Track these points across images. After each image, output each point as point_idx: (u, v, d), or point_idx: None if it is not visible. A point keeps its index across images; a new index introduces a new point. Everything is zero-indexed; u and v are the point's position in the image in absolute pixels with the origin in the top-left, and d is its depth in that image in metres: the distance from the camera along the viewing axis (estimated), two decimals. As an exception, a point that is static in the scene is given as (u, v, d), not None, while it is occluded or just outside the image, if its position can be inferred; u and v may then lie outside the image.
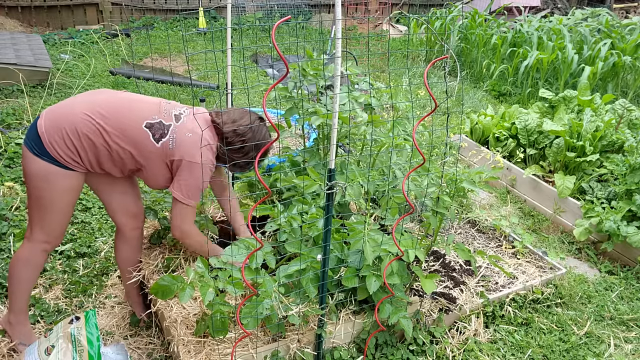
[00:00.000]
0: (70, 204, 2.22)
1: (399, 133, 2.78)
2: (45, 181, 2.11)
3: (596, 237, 3.61)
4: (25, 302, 2.37)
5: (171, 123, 2.18)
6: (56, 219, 2.21)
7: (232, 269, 2.14)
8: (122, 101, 2.19)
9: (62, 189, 2.14)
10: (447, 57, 2.06)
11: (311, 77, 2.67)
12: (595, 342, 2.81)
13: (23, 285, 2.32)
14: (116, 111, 2.13)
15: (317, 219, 2.42)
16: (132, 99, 2.23)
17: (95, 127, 2.08)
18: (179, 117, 2.22)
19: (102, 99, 2.18)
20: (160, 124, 2.16)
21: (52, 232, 2.24)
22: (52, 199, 2.15)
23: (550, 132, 4.05)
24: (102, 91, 2.30)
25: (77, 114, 2.08)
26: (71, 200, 2.20)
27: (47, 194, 2.14)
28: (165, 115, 2.19)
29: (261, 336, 2.28)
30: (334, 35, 4.83)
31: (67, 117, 2.08)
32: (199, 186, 2.20)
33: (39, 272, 2.35)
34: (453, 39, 7.54)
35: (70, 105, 2.13)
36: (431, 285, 2.35)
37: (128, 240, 2.49)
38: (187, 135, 2.17)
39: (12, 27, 7.70)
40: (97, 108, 2.11)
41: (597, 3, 11.01)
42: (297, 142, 4.46)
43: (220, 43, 7.38)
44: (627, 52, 6.43)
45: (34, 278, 2.34)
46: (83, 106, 2.11)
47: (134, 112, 2.15)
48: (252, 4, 9.25)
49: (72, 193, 2.19)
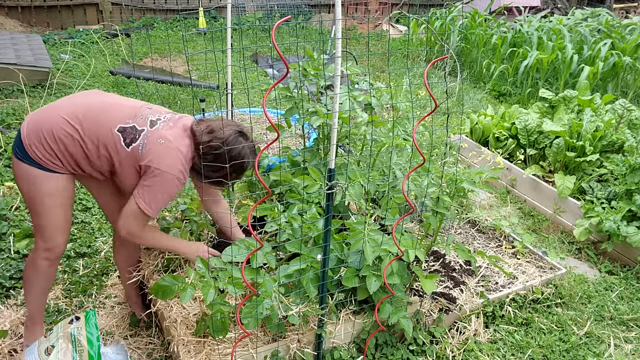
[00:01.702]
0: (62, 206, 2.17)
1: (399, 133, 2.79)
2: (32, 184, 2.10)
3: (596, 237, 3.61)
4: (37, 308, 2.38)
5: (144, 128, 2.11)
6: (50, 223, 2.18)
7: (232, 269, 2.14)
8: (101, 104, 2.16)
9: (49, 191, 2.12)
10: (447, 57, 2.06)
11: (311, 77, 2.67)
12: (595, 342, 2.81)
13: (33, 290, 2.33)
14: (92, 115, 2.10)
15: (317, 219, 2.42)
16: (112, 102, 2.19)
17: (71, 131, 2.06)
18: (154, 123, 2.14)
19: (83, 102, 2.16)
20: (132, 129, 2.10)
21: (49, 237, 2.21)
22: (43, 203, 2.13)
23: (550, 132, 4.05)
24: (89, 93, 2.28)
25: (56, 117, 2.07)
26: (61, 202, 2.16)
27: (36, 198, 2.12)
28: (140, 120, 2.13)
29: (261, 336, 2.28)
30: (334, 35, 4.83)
31: (46, 120, 2.07)
32: (162, 196, 2.10)
33: (48, 280, 2.33)
34: (453, 39, 7.54)
35: (52, 109, 2.12)
36: (431, 285, 2.35)
37: (124, 241, 2.47)
38: (158, 142, 2.09)
39: (12, 27, 7.70)
40: (76, 111, 2.09)
41: (597, 3, 11.01)
42: (297, 142, 4.47)
43: (220, 43, 7.38)
44: (627, 52, 6.43)
45: (43, 285, 2.33)
46: (63, 110, 2.10)
47: (109, 116, 2.11)
48: (252, 4, 9.25)
49: (61, 195, 2.15)
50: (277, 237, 2.48)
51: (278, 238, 2.46)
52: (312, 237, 2.44)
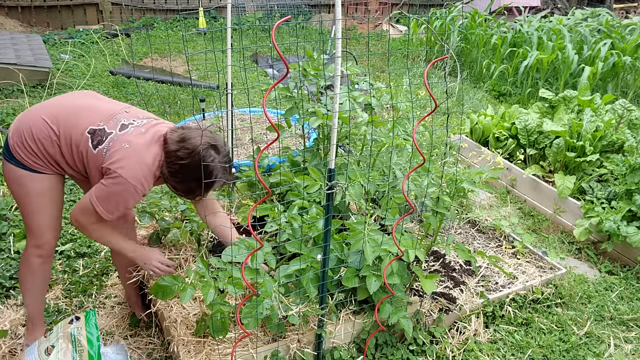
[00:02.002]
0: (50, 204, 2.17)
1: (399, 133, 2.79)
2: (18, 184, 2.11)
3: (596, 237, 3.61)
4: (34, 308, 2.38)
5: (113, 131, 2.07)
6: (39, 221, 2.18)
7: (232, 269, 2.14)
8: (80, 106, 2.14)
9: (35, 191, 2.12)
10: (447, 57, 2.06)
11: (311, 77, 2.67)
12: (595, 342, 2.81)
13: (30, 290, 2.34)
14: (68, 115, 2.09)
15: (318, 219, 2.42)
16: (91, 104, 2.16)
17: (49, 132, 2.05)
18: (125, 127, 2.08)
19: (66, 103, 2.15)
20: (101, 131, 2.07)
21: (38, 235, 2.21)
22: (30, 202, 2.14)
23: (550, 132, 4.05)
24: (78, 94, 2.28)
25: (37, 118, 2.07)
26: (48, 201, 2.15)
27: (24, 198, 2.13)
28: (112, 123, 2.09)
29: (261, 336, 2.28)
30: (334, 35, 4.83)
31: (28, 121, 2.07)
32: (117, 201, 2.04)
33: (44, 279, 2.34)
34: (453, 39, 7.54)
35: (36, 109, 2.12)
36: (431, 285, 2.35)
37: None
38: (123, 146, 2.02)
39: (12, 27, 7.71)
40: (56, 112, 2.09)
41: (597, 3, 11.01)
42: (297, 142, 4.46)
43: (220, 43, 7.38)
44: (627, 52, 6.43)
45: (39, 284, 2.33)
46: (45, 110, 2.09)
47: (83, 118, 2.09)
48: (252, 4, 9.25)
49: (48, 195, 2.14)
50: (278, 237, 2.48)
51: (278, 238, 2.46)
52: (312, 237, 2.44)
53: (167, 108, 5.51)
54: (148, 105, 5.51)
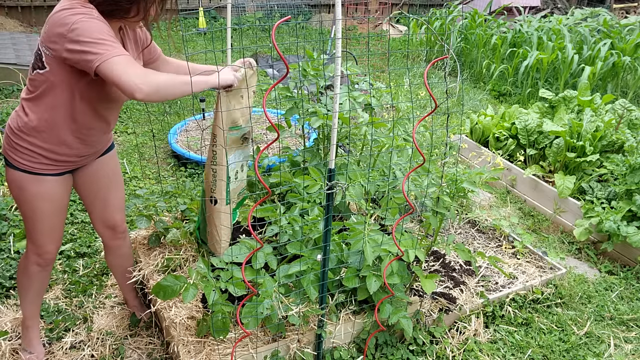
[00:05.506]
0: (53, 212, 2.09)
1: (399, 133, 2.79)
2: (19, 189, 2.03)
3: (596, 237, 3.61)
4: (30, 310, 2.34)
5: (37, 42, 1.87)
6: (41, 229, 2.11)
7: (232, 269, 2.14)
8: None
9: (34, 196, 2.03)
10: (447, 57, 2.06)
11: (311, 77, 2.67)
12: (595, 342, 2.81)
13: (27, 294, 2.30)
14: None
15: (319, 220, 2.42)
16: None
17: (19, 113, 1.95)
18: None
19: None
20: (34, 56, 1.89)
21: (40, 244, 2.14)
22: (32, 208, 2.06)
23: (550, 132, 4.05)
24: None
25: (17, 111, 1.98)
26: (51, 206, 2.07)
27: (25, 202, 2.05)
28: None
29: (261, 336, 2.28)
30: (334, 35, 4.83)
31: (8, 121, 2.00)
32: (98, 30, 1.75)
33: (42, 284, 2.30)
34: (453, 39, 7.54)
35: None
36: (431, 285, 2.35)
37: (111, 249, 2.46)
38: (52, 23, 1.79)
39: (12, 27, 7.70)
40: None
41: (597, 3, 11.02)
42: (297, 142, 4.47)
43: (220, 43, 7.38)
44: (627, 52, 6.43)
45: (36, 289, 2.29)
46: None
47: None
48: (252, 4, 9.25)
49: (48, 200, 2.06)
50: (278, 237, 2.48)
51: (278, 238, 2.46)
52: (312, 238, 2.44)
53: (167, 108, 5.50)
54: (148, 105, 5.50)
